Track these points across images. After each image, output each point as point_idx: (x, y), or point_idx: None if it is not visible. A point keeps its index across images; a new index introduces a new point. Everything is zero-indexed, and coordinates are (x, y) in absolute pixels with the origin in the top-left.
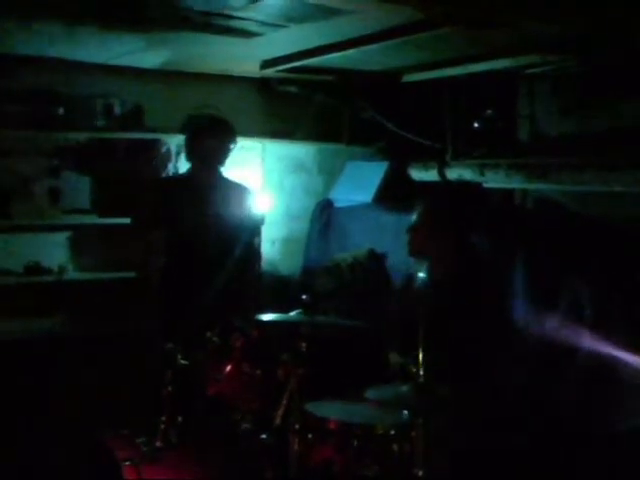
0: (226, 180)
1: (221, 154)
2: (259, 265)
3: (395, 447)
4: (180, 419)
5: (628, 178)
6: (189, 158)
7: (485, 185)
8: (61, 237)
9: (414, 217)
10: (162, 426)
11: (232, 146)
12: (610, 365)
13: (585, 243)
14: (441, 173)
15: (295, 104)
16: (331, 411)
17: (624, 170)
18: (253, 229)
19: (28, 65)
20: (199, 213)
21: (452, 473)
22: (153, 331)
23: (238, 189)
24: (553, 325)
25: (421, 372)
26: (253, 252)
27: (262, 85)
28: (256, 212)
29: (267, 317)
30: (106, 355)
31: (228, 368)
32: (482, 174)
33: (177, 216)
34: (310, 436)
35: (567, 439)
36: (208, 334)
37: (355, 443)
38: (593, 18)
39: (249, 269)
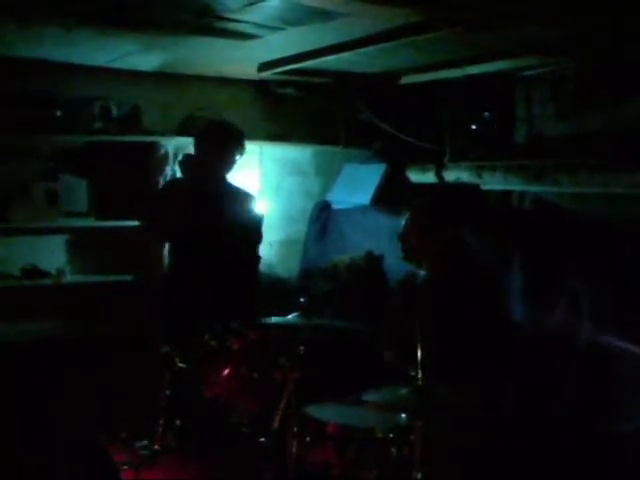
0: (230, 186)
1: (225, 162)
2: (258, 269)
3: (394, 450)
4: (178, 422)
5: (625, 179)
6: (197, 162)
7: (482, 187)
8: (59, 240)
9: (402, 224)
10: (160, 429)
11: (238, 153)
12: (610, 363)
13: (582, 244)
14: (438, 175)
15: (292, 106)
16: (329, 414)
17: (621, 172)
18: (255, 235)
19: (26, 68)
20: (202, 220)
21: (452, 474)
22: (151, 334)
23: (241, 196)
24: (552, 325)
25: (419, 373)
26: (254, 257)
27: (259, 87)
28: (258, 218)
29: (265, 320)
30: (104, 358)
31: (226, 371)
32: (479, 176)
33: (182, 219)
34: (308, 439)
35: (568, 438)
36: (205, 337)
37: (354, 446)
38: (590, 21)
39: (250, 273)
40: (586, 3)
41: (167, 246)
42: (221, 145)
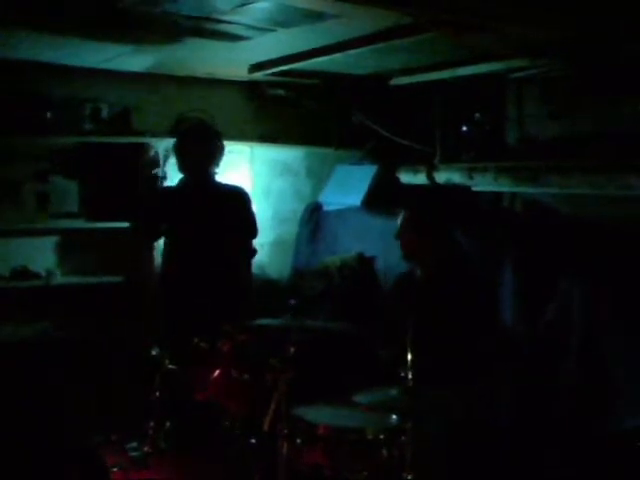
0: (219, 184)
1: (207, 159)
2: (250, 268)
3: (384, 451)
4: (168, 424)
5: (618, 181)
6: (179, 166)
7: (474, 188)
8: (49, 241)
9: (398, 223)
10: (150, 432)
11: (219, 150)
12: (603, 364)
13: (574, 245)
14: (430, 177)
15: (283, 108)
16: (320, 416)
17: (613, 173)
18: (248, 232)
19: (16, 69)
20: (194, 220)
21: (443, 475)
22: (142, 335)
23: (232, 192)
24: (544, 325)
25: (410, 375)
26: (247, 255)
27: (250, 89)
28: (251, 214)
29: (256, 321)
30: (94, 360)
31: (216, 373)
32: (471, 177)
33: (173, 224)
34: (299, 441)
35: (561, 439)
36: (196, 339)
37: (344, 448)
38: (581, 22)
39: (242, 273)
40: (578, 5)
41: (161, 246)
42: (200, 142)
